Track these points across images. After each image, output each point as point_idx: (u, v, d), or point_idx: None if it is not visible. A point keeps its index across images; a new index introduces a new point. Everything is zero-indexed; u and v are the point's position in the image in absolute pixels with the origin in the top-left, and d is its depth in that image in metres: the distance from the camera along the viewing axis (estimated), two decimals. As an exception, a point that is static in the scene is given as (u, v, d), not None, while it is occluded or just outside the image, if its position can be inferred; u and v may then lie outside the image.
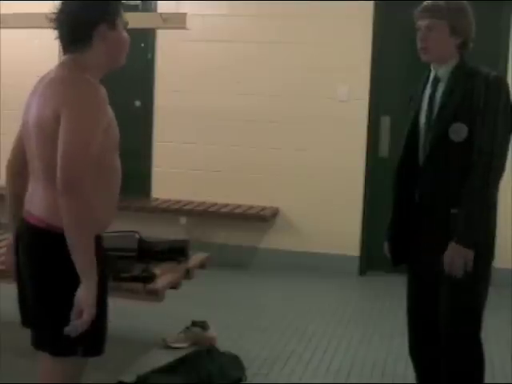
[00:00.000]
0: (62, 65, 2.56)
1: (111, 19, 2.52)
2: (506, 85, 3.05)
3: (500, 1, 6.07)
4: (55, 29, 2.55)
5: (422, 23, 3.09)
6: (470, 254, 2.96)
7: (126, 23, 2.61)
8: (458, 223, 2.97)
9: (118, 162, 2.62)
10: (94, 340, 2.55)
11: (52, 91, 2.46)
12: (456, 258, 2.96)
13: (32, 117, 2.51)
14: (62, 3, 2.53)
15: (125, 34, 2.59)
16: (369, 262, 6.45)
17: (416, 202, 3.16)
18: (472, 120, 2.98)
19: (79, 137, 2.36)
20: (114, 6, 2.56)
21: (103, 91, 2.48)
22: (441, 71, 3.11)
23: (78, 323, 2.40)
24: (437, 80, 3.12)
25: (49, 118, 2.42)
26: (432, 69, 3.16)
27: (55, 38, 2.58)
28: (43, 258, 2.51)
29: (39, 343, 2.59)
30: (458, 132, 3.00)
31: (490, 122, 2.96)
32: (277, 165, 6.62)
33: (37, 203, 2.54)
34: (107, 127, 2.47)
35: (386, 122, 6.42)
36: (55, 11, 2.53)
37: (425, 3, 3.13)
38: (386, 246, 3.35)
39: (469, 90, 3.00)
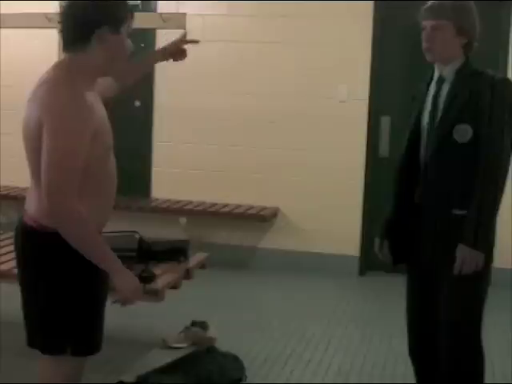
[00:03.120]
0: (56, 65, 2.54)
1: (115, 23, 2.48)
2: (511, 86, 3.05)
3: (500, 1, 6.07)
4: (60, 24, 2.52)
5: (427, 23, 3.07)
6: (481, 256, 2.96)
7: (131, 33, 2.56)
8: (468, 226, 2.96)
9: (111, 166, 2.60)
10: (83, 339, 2.56)
11: (38, 96, 2.44)
12: (467, 260, 2.95)
13: (23, 119, 2.51)
14: (69, 3, 2.49)
15: (127, 41, 2.55)
16: (369, 262, 6.44)
17: (416, 202, 3.16)
18: (477, 121, 2.98)
19: (60, 152, 2.35)
20: (121, 12, 2.51)
21: (87, 97, 2.43)
22: (445, 71, 3.10)
23: (117, 300, 2.55)
24: (441, 80, 3.11)
25: (33, 123, 2.42)
26: (436, 69, 3.15)
27: (59, 32, 2.55)
28: (32, 255, 2.54)
29: (31, 341, 2.62)
30: (463, 133, 3.00)
31: (497, 122, 2.95)
32: (277, 165, 6.61)
33: (31, 202, 2.57)
34: (95, 133, 2.42)
35: (385, 121, 6.42)
36: (62, 7, 2.50)
37: (430, 3, 3.10)
38: (377, 242, 3.35)
39: (474, 91, 3.00)
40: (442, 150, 3.05)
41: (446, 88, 3.09)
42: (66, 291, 2.50)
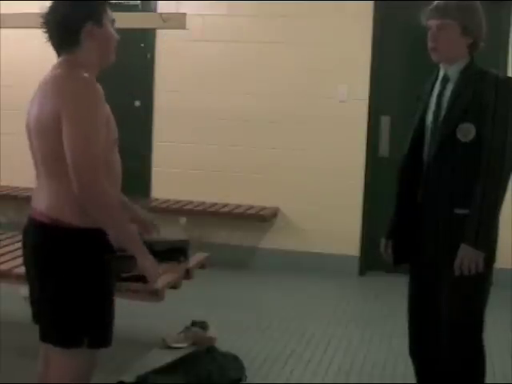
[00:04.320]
0: (57, 65, 2.59)
1: (98, 17, 2.56)
2: None
3: (499, 1, 6.07)
4: (45, 32, 2.59)
5: (432, 23, 3.06)
6: (481, 257, 2.96)
7: (113, 20, 2.64)
8: (469, 225, 2.95)
9: (116, 159, 2.65)
10: (99, 330, 2.59)
11: (51, 89, 2.50)
12: (467, 260, 2.95)
13: (33, 116, 2.54)
14: (50, 6, 2.57)
15: (112, 31, 2.63)
16: (369, 262, 6.44)
17: (419, 202, 3.15)
18: (480, 121, 2.97)
19: (84, 136, 2.40)
20: (99, 4, 2.59)
21: (100, 88, 2.51)
22: (450, 71, 3.09)
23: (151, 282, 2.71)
24: (446, 79, 3.10)
25: (49, 115, 2.46)
26: (441, 68, 3.15)
27: (46, 41, 2.61)
28: (47, 252, 2.55)
29: (46, 336, 2.62)
30: (466, 133, 2.99)
31: (500, 122, 2.94)
32: (277, 165, 6.62)
33: (41, 199, 2.59)
34: (105, 123, 2.50)
35: (385, 121, 6.42)
36: (44, 14, 2.56)
37: (436, 3, 3.09)
38: (382, 243, 3.35)
39: (478, 91, 2.99)
40: (445, 149, 3.04)
41: (450, 87, 3.08)
42: (80, 284, 2.52)
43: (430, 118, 3.13)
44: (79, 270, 2.52)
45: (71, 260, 2.51)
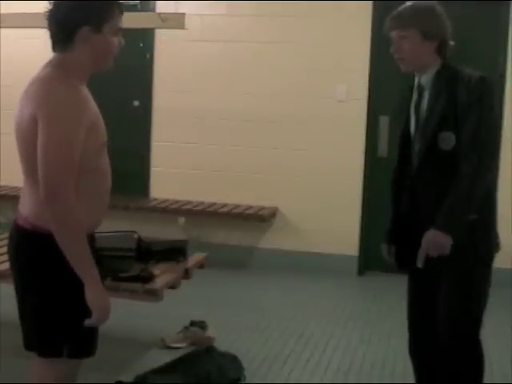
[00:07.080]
0: (47, 64, 2.55)
1: (97, 22, 2.47)
2: (488, 85, 2.96)
3: (498, 1, 6.07)
4: (47, 27, 2.54)
5: (393, 33, 3.05)
6: (448, 240, 2.93)
7: (119, 29, 2.55)
8: (441, 210, 2.93)
9: (105, 162, 2.59)
10: (80, 340, 2.54)
11: (31, 93, 2.46)
12: (432, 243, 2.93)
13: (15, 118, 2.52)
14: (53, 3, 2.51)
15: (112, 39, 2.53)
16: (367, 261, 6.45)
17: (414, 210, 3.12)
18: (459, 126, 2.92)
19: (57, 143, 2.35)
20: (103, 10, 2.50)
21: (82, 91, 2.47)
22: (423, 79, 3.06)
23: (88, 322, 2.44)
24: (421, 87, 3.07)
25: (27, 120, 2.42)
26: (415, 76, 3.11)
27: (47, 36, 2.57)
28: (28, 258, 2.52)
29: (28, 344, 2.60)
30: (446, 141, 2.95)
31: (473, 120, 2.89)
32: (276, 165, 6.62)
33: (24, 203, 2.56)
34: (90, 127, 2.43)
35: (384, 121, 6.41)
36: (48, 10, 2.52)
37: (392, 13, 3.07)
38: (384, 248, 3.34)
39: (452, 96, 2.94)
40: (429, 159, 3.01)
41: (426, 95, 3.05)
42: (61, 293, 2.48)
43: (412, 126, 3.11)
44: (59, 278, 2.45)
45: (51, 267, 2.45)
